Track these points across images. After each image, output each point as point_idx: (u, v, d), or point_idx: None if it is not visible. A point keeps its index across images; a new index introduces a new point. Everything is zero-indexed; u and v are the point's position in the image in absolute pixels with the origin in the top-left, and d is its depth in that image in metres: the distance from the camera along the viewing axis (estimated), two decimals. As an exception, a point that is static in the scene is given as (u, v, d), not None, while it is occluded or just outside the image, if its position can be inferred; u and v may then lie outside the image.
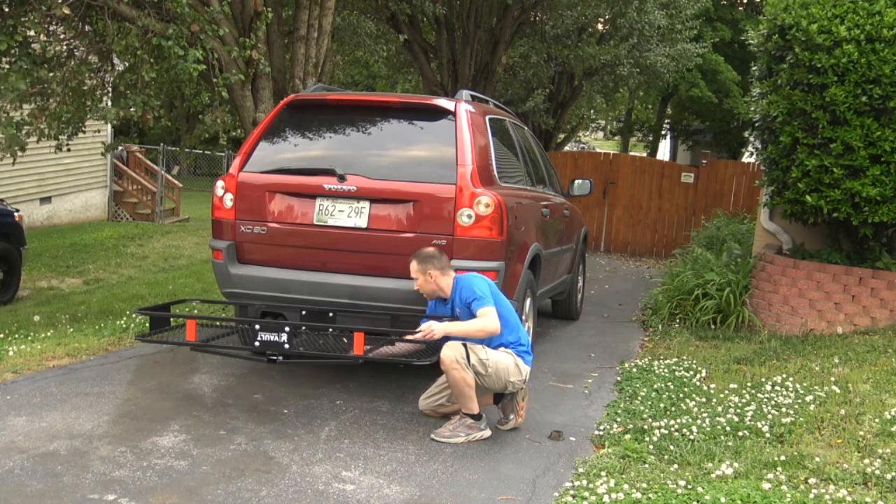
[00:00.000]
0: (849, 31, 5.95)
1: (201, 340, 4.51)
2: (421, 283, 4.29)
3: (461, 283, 4.23)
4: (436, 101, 4.97)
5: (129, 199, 16.96)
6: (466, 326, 4.09)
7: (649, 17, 14.19)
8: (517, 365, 4.20)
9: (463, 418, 4.13)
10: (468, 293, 4.15)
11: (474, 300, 4.12)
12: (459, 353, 4.02)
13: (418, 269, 4.27)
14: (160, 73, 7.02)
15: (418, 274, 4.26)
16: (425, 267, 4.26)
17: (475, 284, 4.18)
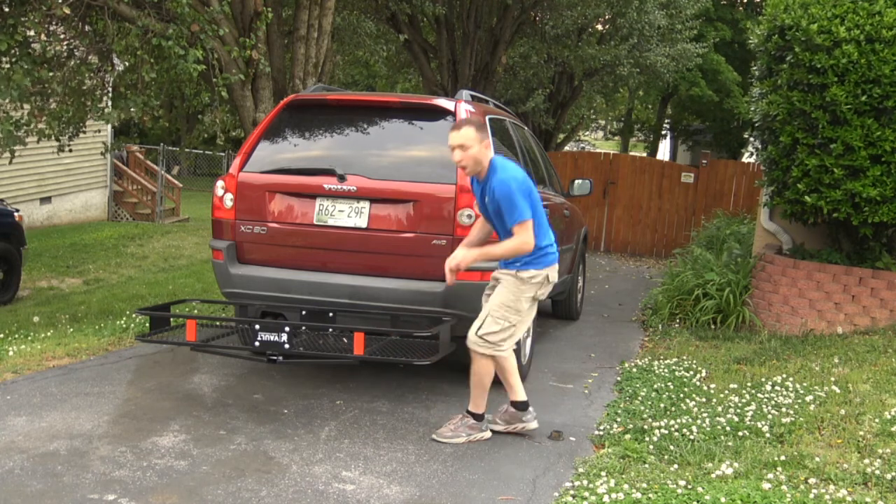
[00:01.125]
0: (848, 32, 5.95)
1: (201, 340, 4.51)
2: (473, 155, 3.93)
3: (497, 174, 3.93)
4: (436, 101, 4.97)
5: (129, 199, 16.97)
6: (497, 251, 3.94)
7: (649, 17, 14.19)
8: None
9: (465, 418, 4.10)
10: (505, 199, 3.87)
11: (511, 211, 3.87)
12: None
13: (476, 138, 3.93)
14: (160, 73, 7.03)
15: (475, 143, 3.92)
16: (483, 135, 3.97)
17: (512, 188, 3.86)
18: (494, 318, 3.99)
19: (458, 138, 3.94)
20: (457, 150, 3.95)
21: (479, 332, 3.99)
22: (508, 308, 4.00)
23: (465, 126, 3.95)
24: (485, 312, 4.05)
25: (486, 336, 3.99)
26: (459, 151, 3.94)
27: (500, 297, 4.02)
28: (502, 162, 4.02)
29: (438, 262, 4.53)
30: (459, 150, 3.94)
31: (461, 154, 3.95)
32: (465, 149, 3.93)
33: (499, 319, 3.99)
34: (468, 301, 4.50)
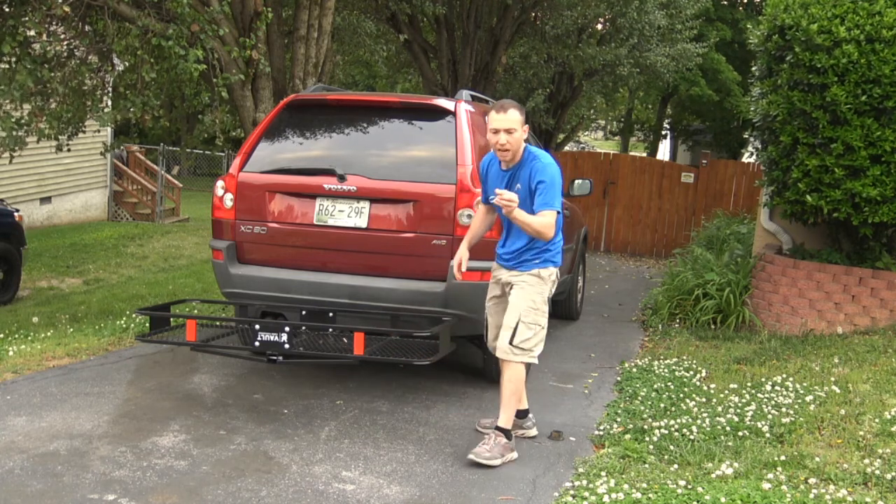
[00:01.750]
0: (849, 32, 5.95)
1: (201, 340, 4.51)
2: (518, 139, 3.79)
3: (540, 159, 3.85)
4: (436, 101, 4.97)
5: (129, 199, 16.97)
6: (528, 218, 3.76)
7: (649, 17, 14.18)
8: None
9: (499, 437, 3.85)
10: (549, 183, 3.77)
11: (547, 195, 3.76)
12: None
13: (521, 121, 3.80)
14: (160, 73, 7.02)
15: (520, 127, 3.78)
16: (524, 119, 3.83)
17: (556, 177, 3.80)
18: (527, 325, 3.86)
19: (506, 122, 3.76)
20: (503, 133, 3.76)
21: (514, 342, 3.85)
22: (537, 311, 3.90)
23: (511, 108, 3.78)
24: (513, 319, 3.86)
25: (521, 344, 3.85)
26: (506, 135, 3.76)
27: (525, 302, 3.89)
28: (539, 150, 3.94)
29: (438, 262, 4.54)
30: (506, 133, 3.76)
31: (507, 138, 3.77)
32: (511, 133, 3.77)
33: (531, 325, 3.88)
34: (468, 301, 4.50)
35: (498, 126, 3.78)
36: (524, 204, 3.81)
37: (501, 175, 3.95)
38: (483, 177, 4.11)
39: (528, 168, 3.84)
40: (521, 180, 3.86)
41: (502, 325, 3.92)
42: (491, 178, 4.04)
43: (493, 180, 4.00)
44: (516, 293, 3.93)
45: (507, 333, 3.86)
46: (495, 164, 4.01)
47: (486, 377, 5.17)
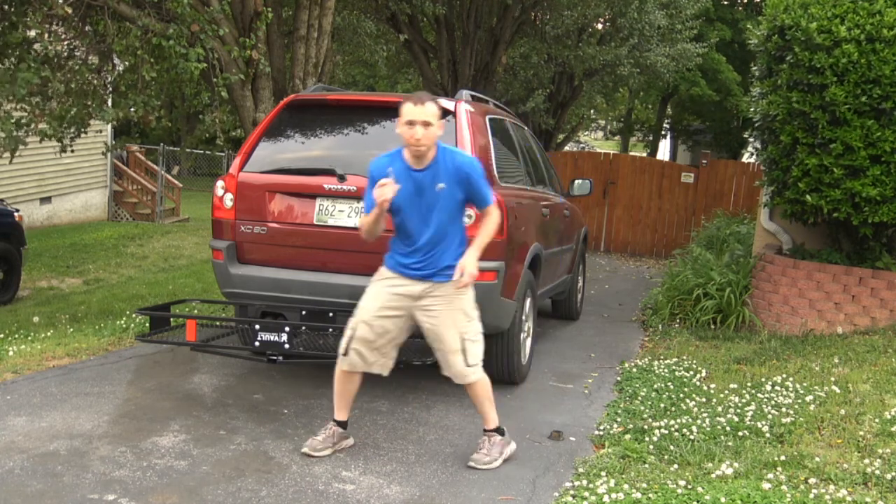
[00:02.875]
0: (848, 31, 5.95)
1: (201, 340, 4.51)
2: (435, 135, 3.52)
3: (458, 155, 3.65)
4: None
5: (129, 199, 16.97)
6: (487, 237, 3.62)
7: (649, 17, 14.19)
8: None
9: (492, 437, 3.81)
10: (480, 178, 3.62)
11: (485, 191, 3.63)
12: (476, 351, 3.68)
13: (438, 115, 3.53)
14: (160, 73, 7.02)
15: (434, 119, 3.49)
16: (441, 114, 3.56)
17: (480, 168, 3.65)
18: (471, 340, 3.69)
19: (424, 114, 3.47)
20: (419, 126, 3.46)
21: (470, 363, 3.68)
22: (472, 319, 3.72)
23: (429, 101, 3.51)
24: (457, 342, 3.64)
25: (474, 360, 3.70)
26: (422, 129, 3.46)
27: (465, 315, 3.69)
28: (447, 145, 3.71)
29: (438, 262, 4.52)
30: (423, 126, 3.46)
31: (423, 132, 3.47)
32: (428, 126, 3.48)
33: (474, 338, 3.71)
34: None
35: (414, 118, 3.47)
36: (450, 201, 3.62)
37: (413, 177, 3.59)
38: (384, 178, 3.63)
39: (450, 163, 3.59)
40: (445, 178, 3.59)
41: (447, 350, 3.67)
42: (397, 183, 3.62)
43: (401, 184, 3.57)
44: (447, 310, 3.65)
45: (459, 358, 3.66)
46: (400, 166, 3.61)
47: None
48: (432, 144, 3.56)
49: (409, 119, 3.48)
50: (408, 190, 3.58)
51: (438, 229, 3.64)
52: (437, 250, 3.65)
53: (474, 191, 3.65)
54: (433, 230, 3.63)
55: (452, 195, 3.62)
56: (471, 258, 3.59)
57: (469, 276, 3.54)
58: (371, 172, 3.69)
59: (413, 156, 3.57)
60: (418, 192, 3.59)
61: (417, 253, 3.66)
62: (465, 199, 3.69)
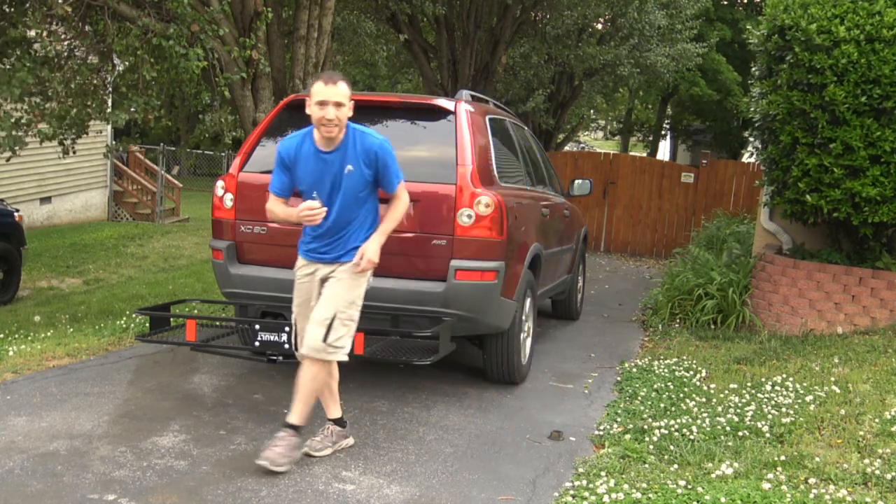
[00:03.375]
0: (848, 32, 5.95)
1: (201, 340, 4.51)
2: (346, 116, 3.49)
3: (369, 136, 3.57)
4: (436, 101, 4.96)
5: (129, 199, 16.97)
6: (394, 222, 3.63)
7: (649, 17, 14.20)
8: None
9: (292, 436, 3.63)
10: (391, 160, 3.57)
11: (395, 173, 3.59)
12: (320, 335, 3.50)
13: (349, 95, 3.49)
14: (161, 73, 7.02)
15: (346, 100, 3.47)
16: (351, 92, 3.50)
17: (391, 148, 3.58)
18: (343, 321, 3.57)
19: (336, 94, 3.43)
20: (331, 106, 3.42)
21: (328, 340, 3.53)
22: (354, 304, 3.64)
23: (341, 81, 3.48)
24: (327, 313, 3.54)
25: (335, 342, 3.55)
26: (334, 109, 3.43)
27: (346, 295, 3.59)
28: (359, 126, 3.64)
29: (438, 262, 4.53)
30: (335, 107, 3.43)
31: (335, 112, 3.43)
32: (340, 107, 3.45)
33: (347, 321, 3.60)
34: (468, 301, 4.50)
35: (326, 98, 3.42)
36: (359, 183, 3.57)
37: (322, 158, 3.56)
38: (290, 162, 3.63)
39: (360, 145, 3.55)
40: (354, 160, 3.55)
41: (314, 317, 3.57)
42: (306, 164, 3.60)
43: (309, 165, 3.58)
44: (337, 285, 3.60)
45: (320, 330, 3.53)
46: (310, 147, 3.58)
47: (487, 377, 5.17)
48: (343, 126, 3.52)
49: (321, 99, 3.44)
50: (316, 172, 3.55)
51: (345, 212, 3.59)
52: (344, 233, 3.62)
53: (382, 173, 3.60)
54: (338, 213, 3.59)
55: (361, 177, 3.57)
56: (374, 244, 3.61)
57: (367, 261, 3.57)
58: (279, 153, 3.64)
59: (323, 137, 3.52)
60: (327, 174, 3.55)
61: (324, 236, 3.63)
62: (375, 181, 3.64)
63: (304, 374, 3.62)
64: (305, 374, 3.61)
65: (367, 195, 3.65)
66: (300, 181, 3.62)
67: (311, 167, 3.57)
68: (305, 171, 3.59)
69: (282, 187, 3.67)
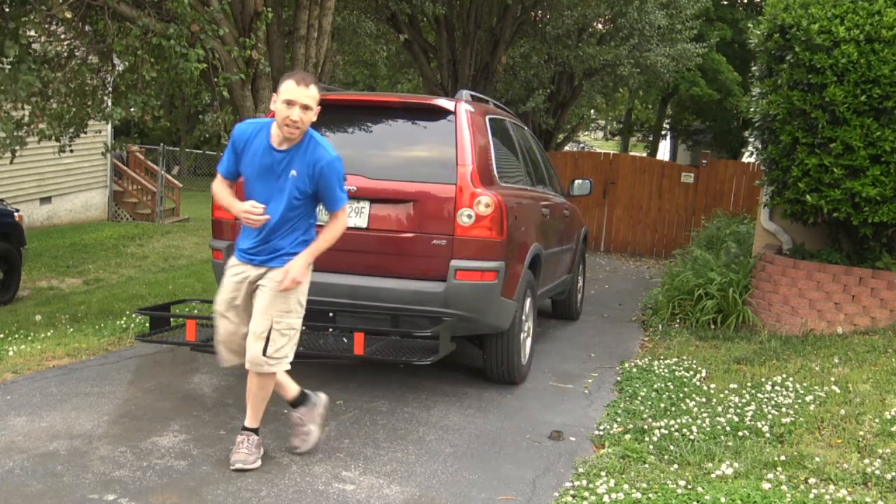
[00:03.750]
0: (848, 32, 5.95)
1: (201, 340, 4.51)
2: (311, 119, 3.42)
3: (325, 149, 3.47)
4: (436, 101, 4.97)
5: (129, 199, 16.97)
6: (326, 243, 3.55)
7: (650, 17, 14.20)
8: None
9: (251, 436, 3.64)
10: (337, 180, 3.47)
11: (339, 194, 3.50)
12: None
13: (318, 99, 3.43)
14: (160, 73, 7.02)
15: (314, 104, 3.41)
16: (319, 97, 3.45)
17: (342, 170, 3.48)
18: (280, 332, 3.48)
19: (306, 96, 3.37)
20: (298, 108, 3.35)
21: (267, 353, 3.46)
22: (292, 313, 3.53)
23: (313, 84, 3.42)
24: (263, 326, 3.45)
25: (275, 353, 3.48)
26: (301, 111, 3.36)
27: (280, 305, 3.49)
28: (319, 135, 3.56)
29: (438, 262, 4.54)
30: (302, 110, 3.36)
31: (301, 115, 3.36)
32: (307, 110, 3.39)
33: (286, 331, 3.50)
34: (468, 301, 4.50)
35: (295, 98, 3.35)
36: (298, 190, 3.47)
37: (272, 154, 3.46)
38: (240, 147, 3.53)
39: (312, 156, 3.45)
40: (300, 167, 3.45)
41: (251, 331, 3.49)
42: (254, 154, 3.50)
43: (257, 157, 3.48)
44: (268, 296, 3.49)
45: (259, 344, 3.46)
46: (263, 139, 3.48)
47: (487, 377, 5.17)
48: (305, 129, 3.44)
49: (290, 98, 3.36)
50: (262, 167, 3.47)
51: (280, 216, 3.50)
52: (275, 237, 3.53)
53: (325, 190, 3.50)
54: (278, 218, 3.50)
55: (302, 185, 3.47)
56: (300, 262, 3.50)
57: (291, 281, 3.45)
58: (234, 135, 3.56)
59: (285, 138, 3.43)
60: (272, 172, 3.47)
61: (257, 238, 3.54)
62: (315, 195, 3.53)
63: (251, 385, 3.60)
64: (253, 384, 3.60)
65: (302, 204, 3.53)
66: (244, 171, 3.55)
67: (258, 160, 3.48)
68: (252, 161, 3.50)
69: (228, 169, 3.59)
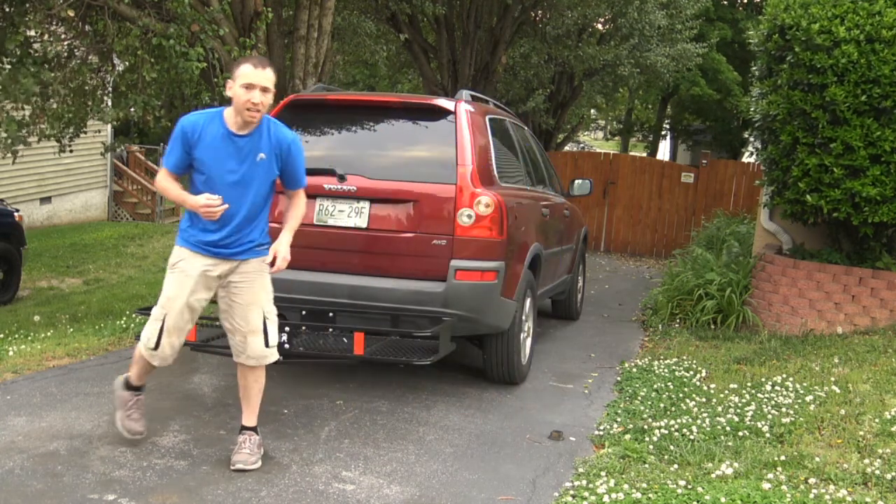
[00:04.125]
0: (848, 32, 5.95)
1: (201, 340, 4.51)
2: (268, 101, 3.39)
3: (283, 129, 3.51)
4: (436, 101, 4.97)
5: (129, 199, 16.98)
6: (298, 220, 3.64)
7: (650, 17, 14.20)
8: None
9: (253, 436, 3.68)
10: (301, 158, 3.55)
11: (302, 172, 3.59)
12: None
13: (274, 80, 3.42)
14: (161, 73, 7.03)
15: (272, 85, 3.39)
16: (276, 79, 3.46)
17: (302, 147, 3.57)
18: (271, 320, 3.58)
19: (265, 79, 3.35)
20: (258, 91, 3.33)
21: (269, 344, 3.57)
22: (271, 298, 3.65)
23: (269, 67, 3.40)
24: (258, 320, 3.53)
25: (273, 342, 3.59)
26: (260, 94, 3.33)
27: (266, 294, 3.60)
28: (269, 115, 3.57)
29: (438, 262, 4.54)
30: (262, 92, 3.34)
31: (262, 97, 3.34)
32: (266, 93, 3.37)
33: (274, 317, 3.61)
34: (468, 301, 4.50)
35: (255, 81, 3.33)
36: (268, 174, 3.51)
37: (234, 141, 3.42)
38: (193, 140, 3.42)
39: (276, 137, 3.48)
40: (267, 149, 3.46)
41: (248, 330, 3.54)
42: (212, 145, 3.42)
43: (215, 148, 3.41)
44: (254, 287, 3.55)
45: (259, 339, 3.53)
46: (219, 128, 3.43)
47: (487, 377, 5.17)
48: (264, 112, 3.43)
49: (249, 82, 3.33)
50: (224, 155, 3.41)
51: (254, 204, 3.49)
52: (249, 227, 3.51)
53: (292, 169, 3.55)
54: (249, 205, 3.47)
55: (270, 168, 3.50)
56: (286, 243, 3.56)
57: (283, 260, 3.51)
58: (183, 128, 3.43)
59: (244, 120, 3.39)
60: (238, 159, 3.42)
61: (226, 229, 3.47)
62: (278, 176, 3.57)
63: (247, 381, 3.65)
64: (249, 378, 3.64)
65: (270, 187, 3.56)
66: (202, 163, 3.42)
67: (220, 150, 3.41)
68: (211, 153, 3.41)
69: (178, 164, 3.47)
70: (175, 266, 3.54)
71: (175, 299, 3.53)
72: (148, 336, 3.58)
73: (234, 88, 3.37)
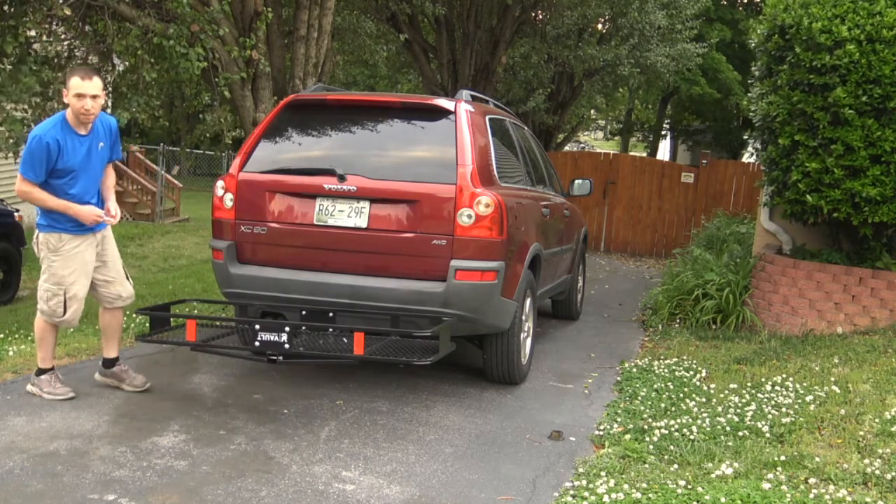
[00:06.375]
0: (849, 32, 5.95)
1: (201, 340, 4.51)
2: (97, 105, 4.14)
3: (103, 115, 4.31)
4: (436, 101, 4.97)
5: (129, 199, 16.95)
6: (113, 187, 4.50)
7: (650, 17, 14.20)
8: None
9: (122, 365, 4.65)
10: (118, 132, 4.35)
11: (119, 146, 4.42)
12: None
13: (102, 86, 4.16)
14: (161, 73, 7.03)
15: (100, 91, 4.13)
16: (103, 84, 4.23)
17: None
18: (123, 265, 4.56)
19: (94, 88, 4.07)
20: (89, 99, 4.05)
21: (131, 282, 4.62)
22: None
23: (96, 76, 4.10)
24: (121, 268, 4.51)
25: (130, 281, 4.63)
26: (91, 101, 4.07)
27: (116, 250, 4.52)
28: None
29: (438, 262, 4.54)
30: (92, 99, 4.07)
31: (93, 104, 4.08)
32: (97, 99, 4.10)
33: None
34: (468, 301, 4.50)
35: (85, 91, 4.04)
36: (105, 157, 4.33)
37: (81, 141, 4.17)
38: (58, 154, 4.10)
39: (104, 124, 4.31)
40: (104, 137, 4.27)
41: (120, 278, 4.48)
42: (71, 150, 4.14)
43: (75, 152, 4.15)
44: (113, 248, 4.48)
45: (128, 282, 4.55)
46: (68, 134, 4.13)
47: (487, 377, 5.17)
48: (98, 114, 4.17)
49: (80, 92, 4.05)
50: (81, 154, 4.16)
51: (98, 183, 4.34)
52: (96, 201, 4.33)
53: (115, 144, 4.38)
54: (97, 185, 4.33)
55: (105, 151, 4.32)
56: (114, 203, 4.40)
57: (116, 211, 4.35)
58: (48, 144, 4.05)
59: (82, 123, 4.14)
60: (89, 154, 4.19)
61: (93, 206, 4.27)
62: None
63: (114, 319, 4.54)
64: (114, 318, 4.54)
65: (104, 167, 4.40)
66: (68, 165, 4.12)
67: (78, 152, 4.15)
68: (73, 155, 4.13)
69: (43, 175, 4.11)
70: (60, 250, 4.24)
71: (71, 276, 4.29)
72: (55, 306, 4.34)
73: (69, 97, 4.08)
